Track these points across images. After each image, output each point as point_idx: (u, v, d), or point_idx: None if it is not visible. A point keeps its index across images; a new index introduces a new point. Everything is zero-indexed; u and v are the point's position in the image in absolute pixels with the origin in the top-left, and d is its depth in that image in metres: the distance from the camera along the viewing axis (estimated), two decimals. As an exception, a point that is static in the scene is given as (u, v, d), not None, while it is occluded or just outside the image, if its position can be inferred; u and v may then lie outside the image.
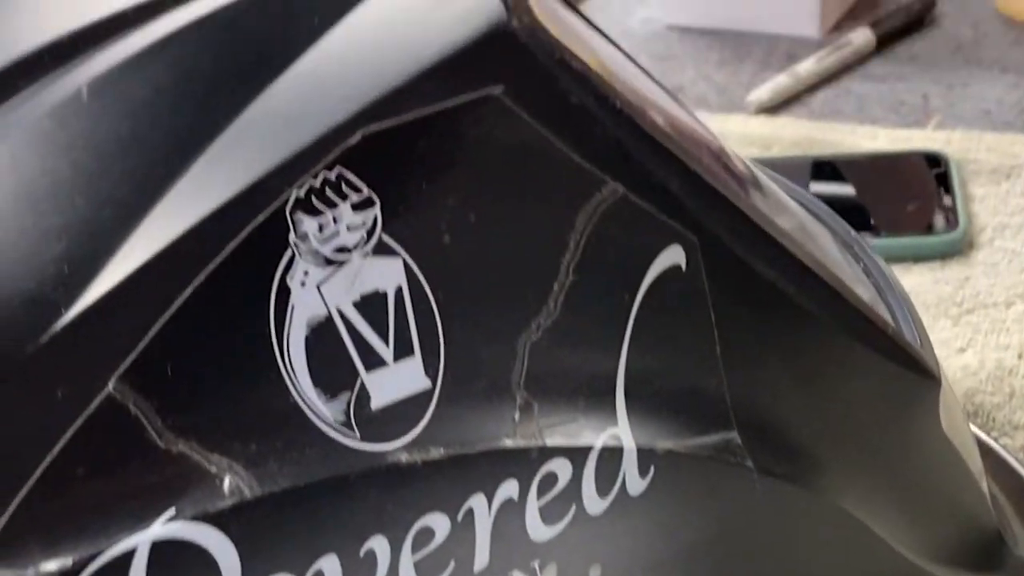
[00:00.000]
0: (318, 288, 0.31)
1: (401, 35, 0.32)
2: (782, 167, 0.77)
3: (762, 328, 0.39)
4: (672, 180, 0.36)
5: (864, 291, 0.47)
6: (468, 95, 0.32)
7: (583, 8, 0.98)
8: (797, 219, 0.47)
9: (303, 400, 0.31)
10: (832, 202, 0.74)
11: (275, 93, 0.31)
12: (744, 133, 0.83)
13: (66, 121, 0.30)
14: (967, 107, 0.84)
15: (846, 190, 0.77)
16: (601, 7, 0.98)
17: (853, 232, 0.51)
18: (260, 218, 0.30)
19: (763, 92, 0.85)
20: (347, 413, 0.32)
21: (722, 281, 0.37)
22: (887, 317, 0.46)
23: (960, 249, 0.72)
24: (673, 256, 0.36)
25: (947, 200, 0.75)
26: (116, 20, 0.31)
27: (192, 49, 0.31)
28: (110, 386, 0.29)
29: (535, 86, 0.33)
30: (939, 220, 0.74)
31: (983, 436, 0.59)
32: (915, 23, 0.92)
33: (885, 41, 0.90)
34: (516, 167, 0.33)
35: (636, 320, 0.36)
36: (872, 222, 0.74)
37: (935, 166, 0.77)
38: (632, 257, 0.35)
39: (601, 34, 0.44)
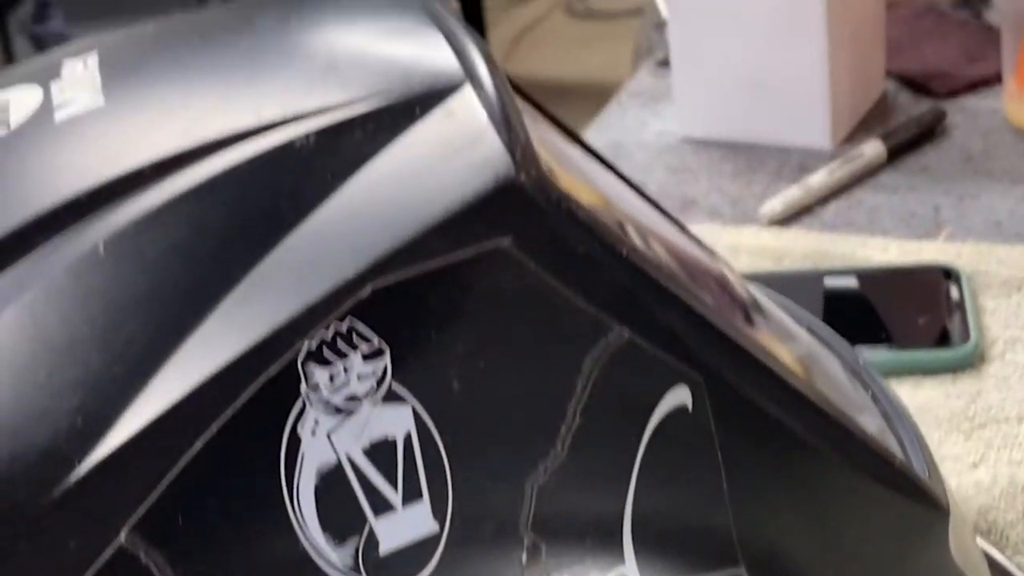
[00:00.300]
0: (328, 437, 0.32)
1: (411, 190, 0.33)
2: (795, 280, 0.78)
3: (769, 465, 0.39)
4: (677, 322, 0.36)
5: (872, 420, 0.47)
6: (477, 248, 0.32)
7: (599, 120, 0.99)
8: (803, 346, 0.48)
9: (311, 547, 0.32)
10: (843, 315, 0.75)
11: (288, 248, 0.31)
12: (757, 245, 0.83)
13: (83, 277, 0.30)
14: (978, 219, 0.85)
15: (857, 303, 0.77)
16: (616, 120, 1.00)
17: (861, 358, 0.51)
18: (272, 370, 0.31)
19: (775, 204, 0.86)
20: (355, 558, 0.32)
21: (728, 420, 0.37)
22: (895, 446, 0.46)
23: (972, 363, 0.73)
24: (679, 397, 0.36)
25: (958, 313, 0.75)
26: (133, 177, 0.32)
27: (207, 205, 0.32)
28: (122, 537, 0.29)
29: (542, 238, 0.33)
30: (950, 333, 0.74)
31: (996, 555, 0.59)
32: (926, 134, 0.92)
33: (896, 152, 0.91)
34: (524, 314, 0.34)
35: (643, 461, 0.36)
36: (883, 335, 0.74)
37: (946, 279, 0.77)
38: (638, 399, 0.36)
39: (603, 163, 0.45)
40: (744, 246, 0.83)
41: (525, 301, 0.34)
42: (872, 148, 0.90)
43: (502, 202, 0.33)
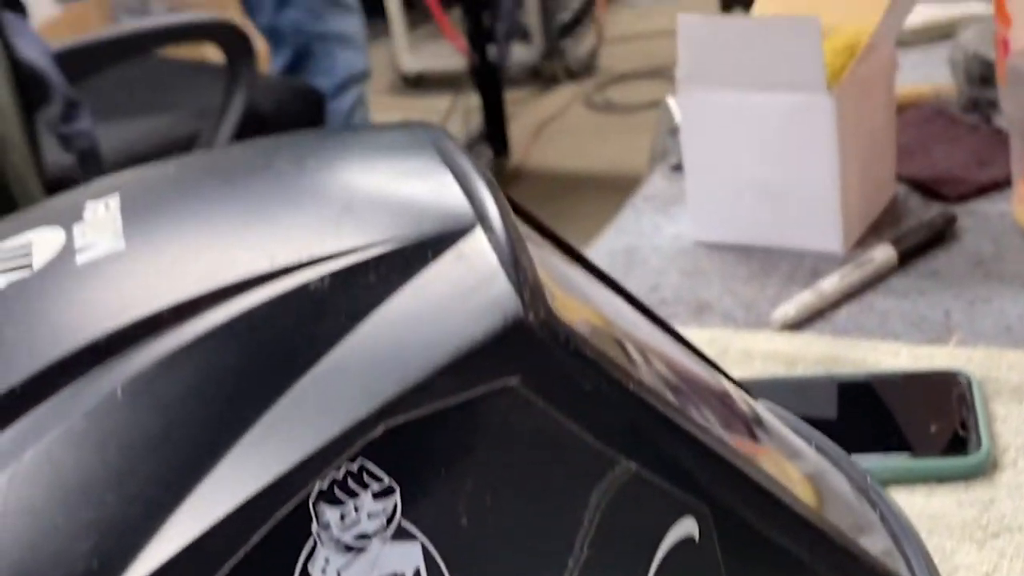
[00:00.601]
0: (338, 575, 0.32)
1: (423, 331, 0.33)
2: (807, 386, 0.79)
3: (776, 593, 0.39)
4: (684, 455, 0.37)
5: (879, 540, 0.47)
6: (486, 387, 0.33)
7: (615, 224, 1.00)
8: (810, 464, 0.48)
9: None
10: (855, 421, 0.75)
11: (302, 389, 0.32)
12: (770, 350, 0.84)
13: (101, 421, 0.31)
14: (988, 323, 0.85)
15: (870, 409, 0.78)
16: (631, 224, 1.01)
17: (868, 477, 0.51)
18: (284, 510, 0.31)
19: (788, 309, 0.86)
20: None
21: (735, 550, 0.38)
22: (903, 568, 0.46)
23: (984, 470, 0.73)
24: (686, 528, 0.37)
25: (970, 420, 0.75)
26: (152, 321, 0.33)
27: (223, 349, 0.33)
28: (136, 678, 0.30)
29: (550, 376, 0.34)
30: (962, 440, 0.74)
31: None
32: (936, 238, 0.93)
33: (907, 257, 0.91)
34: (532, 450, 0.34)
35: (650, 593, 0.36)
36: (896, 442, 0.74)
37: (957, 385, 0.78)
38: (645, 531, 0.36)
39: (604, 279, 0.46)
40: (757, 351, 0.84)
41: (533, 437, 0.34)
42: (883, 252, 0.90)
43: (511, 342, 0.34)
